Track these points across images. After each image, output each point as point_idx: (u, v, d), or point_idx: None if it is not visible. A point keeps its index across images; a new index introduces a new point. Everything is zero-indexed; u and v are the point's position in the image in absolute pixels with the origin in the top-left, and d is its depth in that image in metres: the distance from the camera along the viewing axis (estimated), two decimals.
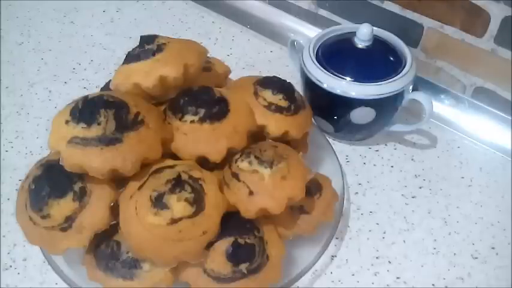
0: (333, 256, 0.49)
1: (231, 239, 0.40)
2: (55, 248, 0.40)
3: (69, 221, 0.39)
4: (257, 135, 0.46)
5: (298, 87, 0.54)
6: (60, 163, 0.39)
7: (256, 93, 0.47)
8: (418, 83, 0.62)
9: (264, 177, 0.41)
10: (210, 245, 0.40)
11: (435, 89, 0.63)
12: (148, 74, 0.42)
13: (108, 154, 0.38)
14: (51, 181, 0.40)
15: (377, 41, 0.56)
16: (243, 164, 0.42)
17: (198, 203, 0.39)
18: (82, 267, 0.42)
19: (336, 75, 0.53)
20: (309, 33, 0.70)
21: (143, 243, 0.39)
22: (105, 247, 0.41)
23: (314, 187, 0.46)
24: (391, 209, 0.54)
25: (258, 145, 0.44)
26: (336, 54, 0.56)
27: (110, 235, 0.41)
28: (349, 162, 0.58)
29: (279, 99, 0.47)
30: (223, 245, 0.40)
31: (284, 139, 0.47)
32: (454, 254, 0.50)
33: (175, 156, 0.43)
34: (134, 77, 0.42)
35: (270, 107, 0.46)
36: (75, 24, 0.77)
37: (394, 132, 0.60)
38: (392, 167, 0.58)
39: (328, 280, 0.48)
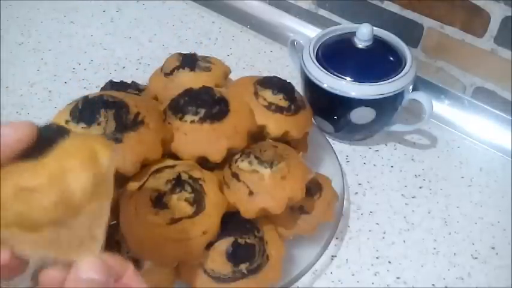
0: (333, 256, 0.49)
1: (231, 239, 0.40)
2: None
3: None
4: (257, 135, 0.46)
5: (298, 87, 0.54)
6: None
7: (256, 93, 0.47)
8: (418, 83, 0.62)
9: (264, 177, 0.41)
10: (210, 245, 0.40)
11: (435, 89, 0.63)
12: None
13: None
14: None
15: (377, 41, 0.56)
16: (243, 164, 0.42)
17: (198, 203, 0.39)
18: None
19: (336, 75, 0.53)
20: (309, 33, 0.69)
21: (143, 243, 0.38)
22: (105, 247, 0.41)
23: (314, 187, 0.46)
24: (391, 209, 0.54)
25: (258, 145, 0.44)
26: (336, 54, 0.56)
27: (110, 235, 0.41)
28: (349, 162, 0.58)
29: (279, 99, 0.47)
30: (223, 245, 0.40)
31: (284, 139, 0.47)
32: (454, 254, 0.50)
33: (175, 156, 0.43)
34: None
35: (270, 107, 0.46)
36: (75, 24, 0.77)
37: (394, 132, 0.60)
38: (392, 167, 0.58)
39: (328, 280, 0.47)
